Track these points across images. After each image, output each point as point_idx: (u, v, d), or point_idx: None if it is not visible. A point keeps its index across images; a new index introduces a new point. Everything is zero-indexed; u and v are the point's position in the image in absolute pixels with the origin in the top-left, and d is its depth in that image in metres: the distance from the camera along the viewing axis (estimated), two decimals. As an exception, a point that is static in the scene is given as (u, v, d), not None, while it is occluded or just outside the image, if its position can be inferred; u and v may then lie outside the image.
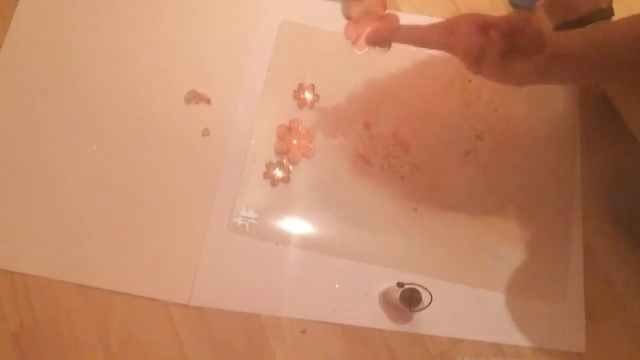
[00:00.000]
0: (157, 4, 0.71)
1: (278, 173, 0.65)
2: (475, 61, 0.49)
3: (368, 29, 0.54)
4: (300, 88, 0.68)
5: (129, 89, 0.67)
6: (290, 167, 0.65)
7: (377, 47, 0.55)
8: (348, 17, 0.70)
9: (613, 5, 0.64)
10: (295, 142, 0.66)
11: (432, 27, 0.51)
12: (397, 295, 0.55)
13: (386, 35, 0.53)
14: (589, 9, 0.62)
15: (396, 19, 0.54)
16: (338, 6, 0.72)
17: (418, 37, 0.52)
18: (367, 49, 0.54)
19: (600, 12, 0.61)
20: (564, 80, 0.56)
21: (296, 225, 0.63)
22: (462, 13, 0.51)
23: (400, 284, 0.56)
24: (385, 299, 0.61)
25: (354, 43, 0.56)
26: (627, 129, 0.60)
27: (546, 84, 0.54)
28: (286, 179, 0.65)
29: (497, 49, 0.47)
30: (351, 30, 0.56)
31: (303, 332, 0.60)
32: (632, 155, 0.61)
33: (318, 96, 0.68)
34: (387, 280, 0.61)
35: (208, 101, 0.67)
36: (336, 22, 0.71)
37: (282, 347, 0.60)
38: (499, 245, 0.64)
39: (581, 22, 0.62)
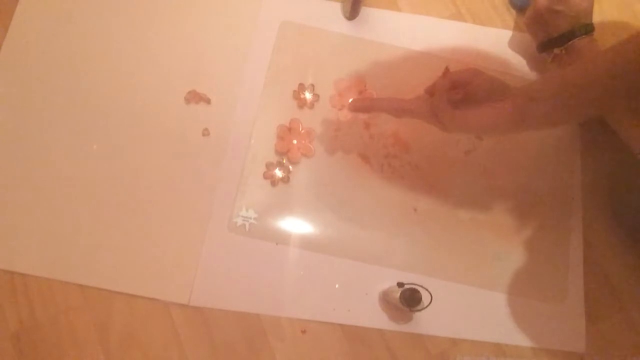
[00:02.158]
0: (157, 4, 0.71)
1: (278, 173, 0.65)
2: (434, 117, 0.54)
3: (350, 100, 0.65)
4: (300, 88, 0.68)
5: (129, 89, 0.67)
6: (290, 167, 0.65)
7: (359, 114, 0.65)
8: (348, 18, 0.70)
9: (615, 10, 0.64)
10: (295, 142, 0.66)
11: (403, 100, 0.57)
12: (397, 295, 0.55)
13: (366, 104, 0.61)
14: (570, 25, 0.62)
15: (372, 95, 0.68)
16: (338, 6, 0.72)
17: (392, 108, 0.58)
18: (349, 116, 0.67)
19: (582, 27, 0.61)
20: (547, 123, 0.56)
21: (296, 225, 0.63)
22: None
23: (400, 284, 0.56)
24: (385, 299, 0.61)
25: (339, 110, 0.67)
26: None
27: (529, 130, 0.54)
28: (286, 179, 0.65)
29: (445, 102, 0.52)
30: (336, 101, 0.68)
31: (303, 332, 0.60)
32: (631, 155, 0.61)
33: (318, 96, 0.68)
34: (387, 280, 0.61)
35: (208, 101, 0.67)
36: (336, 22, 0.71)
37: (282, 347, 0.60)
38: (499, 245, 0.65)
39: (564, 38, 0.62)
